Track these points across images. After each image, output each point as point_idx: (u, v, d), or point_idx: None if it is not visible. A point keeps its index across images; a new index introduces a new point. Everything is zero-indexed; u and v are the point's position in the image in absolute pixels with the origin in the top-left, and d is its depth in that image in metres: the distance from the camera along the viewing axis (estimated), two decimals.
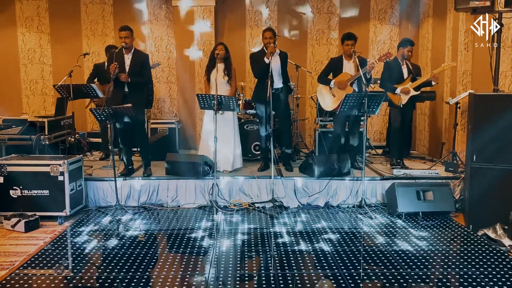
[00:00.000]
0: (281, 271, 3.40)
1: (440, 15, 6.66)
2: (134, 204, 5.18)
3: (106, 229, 4.41)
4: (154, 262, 3.62)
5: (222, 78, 5.48)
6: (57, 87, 5.51)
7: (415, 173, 5.29)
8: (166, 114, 7.98)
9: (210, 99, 5.01)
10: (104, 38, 7.81)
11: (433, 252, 3.81)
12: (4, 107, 7.28)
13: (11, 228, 4.35)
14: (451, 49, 6.27)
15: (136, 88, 5.23)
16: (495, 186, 4.27)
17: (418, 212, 4.70)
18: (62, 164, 4.58)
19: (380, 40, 7.83)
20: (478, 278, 3.28)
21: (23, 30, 7.87)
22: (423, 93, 6.00)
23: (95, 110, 4.77)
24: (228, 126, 5.52)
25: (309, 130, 7.95)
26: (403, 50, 5.74)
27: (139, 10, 7.72)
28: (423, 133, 7.35)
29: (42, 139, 5.53)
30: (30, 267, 3.50)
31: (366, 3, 7.77)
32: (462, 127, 5.88)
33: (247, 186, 5.26)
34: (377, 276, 3.34)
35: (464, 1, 4.54)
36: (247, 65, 7.89)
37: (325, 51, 7.77)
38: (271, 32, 5.45)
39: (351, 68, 5.47)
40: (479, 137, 4.35)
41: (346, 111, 5.00)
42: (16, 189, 4.61)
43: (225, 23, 7.82)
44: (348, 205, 5.15)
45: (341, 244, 3.99)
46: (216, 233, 4.29)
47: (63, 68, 6.85)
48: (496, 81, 4.63)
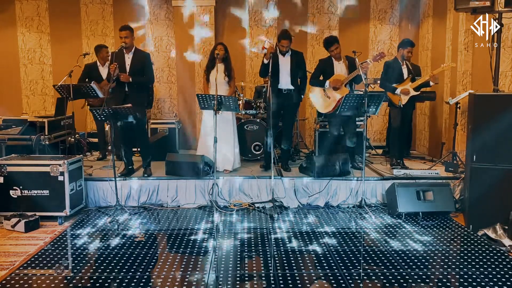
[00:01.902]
0: (281, 271, 3.40)
1: (440, 15, 6.66)
2: (134, 204, 5.18)
3: (106, 229, 4.41)
4: (154, 262, 3.62)
5: (223, 78, 5.47)
6: (57, 87, 5.51)
7: (415, 173, 5.29)
8: (166, 114, 7.98)
9: (210, 99, 5.01)
10: (104, 38, 7.81)
11: (433, 252, 3.81)
12: (4, 107, 7.27)
13: (11, 228, 4.35)
14: (451, 49, 6.27)
15: (137, 88, 5.23)
16: (495, 186, 4.27)
17: (418, 212, 4.70)
18: (62, 164, 4.58)
19: (380, 40, 7.83)
20: (478, 278, 3.28)
21: (23, 30, 7.87)
22: (423, 93, 6.00)
23: (95, 110, 4.77)
24: (227, 126, 5.52)
25: (309, 130, 7.95)
26: (403, 51, 5.74)
27: (139, 10, 7.72)
28: (423, 133, 7.35)
29: (42, 139, 5.53)
30: (30, 267, 3.50)
31: (366, 3, 7.78)
32: (462, 127, 5.88)
33: (247, 186, 5.26)
34: (377, 276, 3.34)
35: (464, 1, 4.54)
36: (247, 65, 7.91)
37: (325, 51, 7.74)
38: (287, 41, 5.30)
39: (342, 68, 5.46)
40: (479, 137, 4.34)
41: (345, 111, 5.00)
42: (16, 189, 4.61)
43: (225, 23, 7.83)
44: (348, 205, 5.14)
45: (341, 244, 3.99)
46: (216, 233, 4.29)
47: (63, 68, 6.84)
48: (496, 81, 4.63)
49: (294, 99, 5.51)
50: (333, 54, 5.43)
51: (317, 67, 5.69)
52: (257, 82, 7.61)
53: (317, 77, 5.57)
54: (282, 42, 5.29)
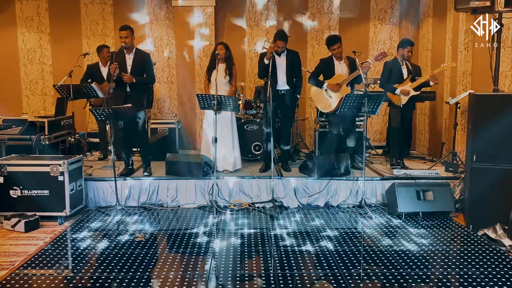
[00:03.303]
0: (281, 271, 3.40)
1: (440, 15, 6.66)
2: (134, 204, 5.18)
3: (106, 229, 4.41)
4: (154, 262, 3.62)
5: (223, 77, 5.48)
6: (57, 87, 5.51)
7: (415, 173, 5.29)
8: (166, 114, 7.98)
9: (210, 99, 5.01)
10: (104, 38, 7.81)
11: (433, 252, 3.81)
12: (4, 107, 7.27)
13: (11, 228, 4.35)
14: (451, 49, 6.27)
15: (138, 88, 5.23)
16: (495, 186, 4.27)
17: (418, 212, 4.70)
18: (62, 164, 4.58)
19: (380, 40, 7.83)
20: (478, 278, 3.28)
21: (23, 30, 7.87)
22: (423, 93, 6.00)
23: (95, 110, 4.77)
24: (227, 126, 5.52)
25: (309, 130, 7.94)
26: (403, 50, 5.73)
27: (139, 10, 7.72)
28: (423, 133, 7.35)
29: (42, 139, 5.53)
30: (30, 267, 3.50)
31: (366, 3, 7.78)
32: (462, 127, 5.88)
33: (247, 186, 5.26)
34: (377, 276, 3.34)
35: (464, 1, 4.54)
36: (247, 65, 7.91)
37: (325, 51, 7.70)
38: (283, 42, 5.29)
39: (343, 68, 5.46)
40: (479, 137, 4.35)
41: (345, 111, 5.00)
42: (16, 189, 4.61)
43: (225, 23, 7.82)
44: (348, 205, 5.14)
45: (341, 244, 3.99)
46: (216, 233, 4.29)
47: (63, 68, 6.84)
48: (496, 81, 4.63)
49: (291, 99, 5.52)
50: (335, 52, 5.42)
51: (317, 66, 5.68)
52: (257, 82, 7.61)
53: (316, 76, 5.57)
54: (277, 42, 5.27)
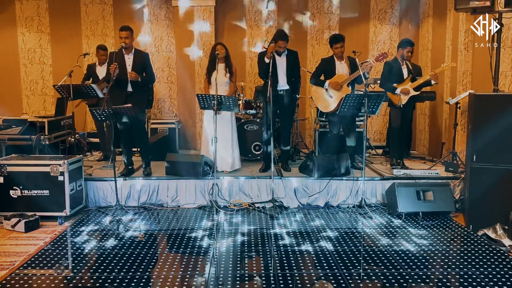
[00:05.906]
0: (281, 271, 3.40)
1: (440, 15, 6.66)
2: (134, 204, 5.18)
3: (106, 229, 4.41)
4: (154, 262, 3.62)
5: (223, 76, 5.49)
6: (57, 87, 5.51)
7: (415, 173, 5.29)
8: (166, 114, 7.98)
9: (210, 99, 5.01)
10: (104, 38, 7.82)
11: (433, 252, 3.81)
12: (4, 107, 7.28)
13: (11, 228, 4.35)
14: (451, 49, 6.27)
15: (140, 88, 5.23)
16: (495, 186, 4.27)
17: (418, 212, 4.70)
18: (62, 164, 4.58)
19: (380, 40, 7.83)
20: (478, 278, 3.28)
21: (23, 30, 7.87)
22: (423, 93, 6.00)
23: (95, 110, 4.77)
24: (227, 126, 5.52)
25: (309, 130, 7.95)
26: (403, 51, 5.73)
27: (139, 10, 7.72)
28: (423, 133, 7.35)
29: (42, 139, 5.53)
30: (30, 267, 3.50)
31: (366, 3, 7.78)
32: (462, 127, 5.88)
33: (247, 186, 5.26)
34: (377, 276, 3.34)
35: (464, 1, 4.54)
36: (247, 65, 7.91)
37: (325, 51, 7.76)
38: (285, 42, 5.28)
39: (344, 68, 5.46)
40: (479, 137, 4.35)
41: (345, 111, 5.00)
42: (16, 189, 4.61)
43: (225, 23, 7.82)
44: (348, 205, 5.14)
45: (341, 244, 3.99)
46: (216, 233, 4.29)
47: (63, 68, 6.84)
48: (496, 81, 4.63)
49: (290, 98, 5.51)
50: (336, 51, 5.42)
51: (318, 65, 5.68)
52: (257, 82, 7.61)
53: (318, 76, 5.57)
54: (279, 42, 5.25)
